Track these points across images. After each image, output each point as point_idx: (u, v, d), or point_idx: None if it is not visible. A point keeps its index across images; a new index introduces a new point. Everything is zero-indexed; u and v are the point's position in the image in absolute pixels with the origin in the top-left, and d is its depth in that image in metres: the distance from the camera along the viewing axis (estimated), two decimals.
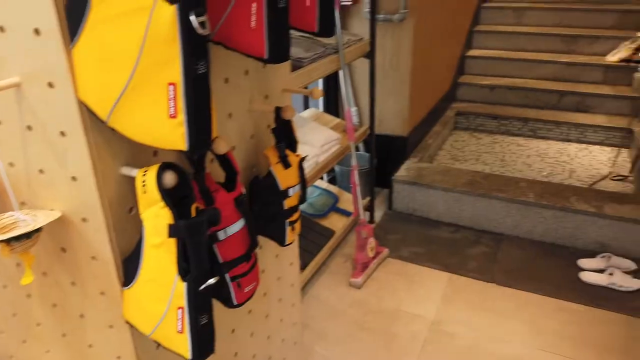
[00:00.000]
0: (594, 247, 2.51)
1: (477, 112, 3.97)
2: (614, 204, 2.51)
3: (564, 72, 3.90)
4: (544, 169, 3.33)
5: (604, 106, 3.68)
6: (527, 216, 2.62)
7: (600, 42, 3.88)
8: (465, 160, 3.55)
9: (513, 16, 4.32)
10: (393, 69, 2.88)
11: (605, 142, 3.56)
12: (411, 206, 2.94)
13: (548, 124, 3.73)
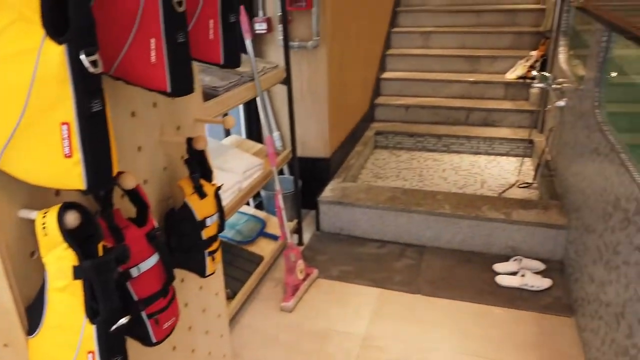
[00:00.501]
0: (506, 251, 2.69)
1: (395, 131, 4.15)
2: (521, 210, 2.71)
3: (470, 90, 4.19)
4: (458, 181, 3.53)
5: (507, 120, 4.00)
6: (445, 227, 2.76)
7: (499, 61, 4.23)
8: (386, 177, 3.69)
9: (421, 40, 4.60)
10: (311, 93, 2.96)
11: (511, 153, 3.85)
12: (338, 225, 3.00)
13: (460, 138, 3.98)
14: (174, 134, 1.21)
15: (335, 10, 2.92)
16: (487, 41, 4.42)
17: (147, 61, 0.81)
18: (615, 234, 1.74)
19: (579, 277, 2.21)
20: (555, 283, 2.42)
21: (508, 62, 4.18)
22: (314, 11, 2.71)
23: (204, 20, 1.00)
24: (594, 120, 2.17)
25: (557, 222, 2.57)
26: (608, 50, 2.15)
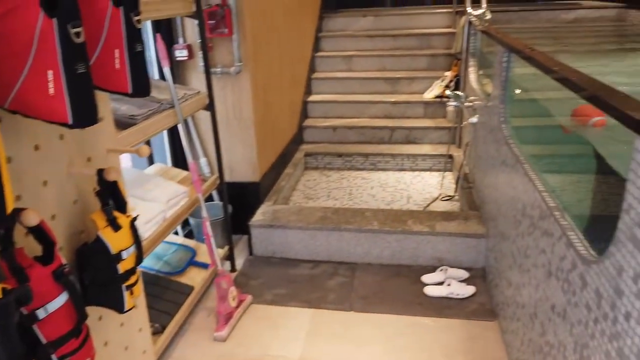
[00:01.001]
0: (433, 262, 2.80)
1: (324, 152, 4.23)
2: (444, 222, 2.84)
3: (392, 110, 4.38)
4: (386, 198, 3.65)
5: (428, 137, 4.20)
6: (374, 243, 2.83)
7: (417, 82, 4.45)
8: (317, 197, 3.74)
9: (343, 63, 4.76)
10: (237, 118, 2.96)
11: (433, 168, 4.04)
12: (270, 249, 2.99)
13: (385, 156, 4.12)
14: (84, 166, 1.18)
15: (256, 36, 2.97)
16: (405, 63, 4.64)
17: (45, 93, 0.79)
18: (524, 239, 1.87)
19: (498, 282, 2.34)
20: (478, 290, 2.55)
21: (425, 82, 4.41)
22: (234, 38, 2.73)
23: (109, 50, 0.98)
24: (501, 135, 2.34)
25: (477, 231, 2.72)
26: (509, 70, 2.34)
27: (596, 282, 1.18)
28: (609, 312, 1.10)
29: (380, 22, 5.05)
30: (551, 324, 1.51)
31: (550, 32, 4.53)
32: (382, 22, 5.06)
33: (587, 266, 1.24)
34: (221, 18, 2.67)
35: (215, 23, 2.71)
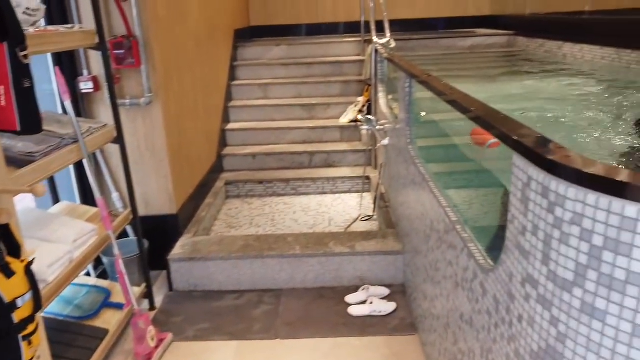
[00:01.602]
0: (355, 282, 2.86)
1: (245, 180, 4.21)
2: (363, 241, 2.92)
3: (310, 135, 4.47)
4: (308, 222, 3.69)
5: (346, 160, 4.32)
6: (298, 267, 2.84)
7: (332, 107, 4.59)
8: (240, 226, 3.70)
9: (260, 91, 4.81)
10: (150, 150, 2.88)
11: (353, 190, 4.16)
12: (192, 282, 2.90)
13: (306, 181, 4.18)
14: None
15: (167, 66, 2.93)
16: (320, 90, 4.78)
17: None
18: (434, 253, 1.97)
19: (416, 296, 2.44)
20: (399, 305, 2.63)
21: (340, 107, 4.56)
22: (143, 68, 2.68)
23: None
24: (409, 155, 2.47)
25: (394, 248, 2.82)
26: (411, 94, 2.49)
27: (494, 289, 1.27)
28: (505, 316, 1.19)
29: (294, 50, 5.19)
30: (461, 332, 1.59)
31: (450, 58, 4.89)
32: (296, 50, 5.19)
33: (486, 275, 1.33)
34: (128, 49, 2.62)
35: (123, 54, 2.65)
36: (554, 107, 2.58)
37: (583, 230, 0.87)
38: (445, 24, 5.85)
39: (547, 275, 0.97)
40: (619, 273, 0.83)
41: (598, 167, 0.85)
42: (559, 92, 2.98)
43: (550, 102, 2.72)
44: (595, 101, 2.68)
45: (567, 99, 2.74)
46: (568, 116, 2.39)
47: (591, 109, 2.51)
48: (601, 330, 0.88)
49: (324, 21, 6.04)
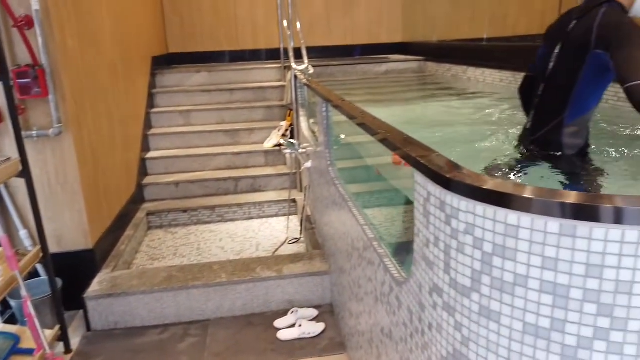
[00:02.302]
0: (284, 306, 2.85)
1: (168, 209, 4.09)
2: (290, 264, 2.94)
3: (235, 160, 4.45)
4: (235, 248, 3.64)
5: (271, 184, 4.34)
6: (225, 296, 2.79)
7: (256, 132, 4.61)
8: (163, 257, 3.58)
9: (181, 118, 4.74)
10: (60, 183, 2.73)
11: (279, 213, 4.17)
12: (112, 320, 2.75)
13: (232, 207, 4.14)
14: None
15: (78, 95, 2.82)
16: (243, 115, 4.80)
17: None
18: (356, 270, 2.03)
19: (343, 315, 2.48)
20: (328, 325, 2.65)
21: (264, 132, 4.60)
22: (51, 98, 2.56)
23: None
24: (330, 177, 2.54)
25: (321, 269, 2.86)
26: (329, 118, 2.58)
27: (407, 301, 1.33)
28: (418, 325, 1.25)
29: (216, 77, 5.18)
30: (383, 345, 1.64)
31: (367, 82, 5.11)
32: (218, 77, 5.19)
33: (400, 287, 1.39)
34: (34, 78, 2.49)
35: (28, 83, 2.52)
36: (454, 127, 2.78)
37: (475, 239, 0.95)
38: (362, 50, 6.12)
39: (450, 283, 1.04)
40: (508, 276, 0.91)
41: (483, 181, 0.93)
42: (456, 113, 3.21)
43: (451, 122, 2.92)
44: (493, 120, 2.92)
45: (460, 122, 2.96)
46: (463, 134, 2.59)
47: (486, 125, 2.73)
48: (497, 331, 0.95)
49: (245, 48, 6.10)
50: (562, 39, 1.78)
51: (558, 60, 1.79)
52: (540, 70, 1.88)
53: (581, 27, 1.69)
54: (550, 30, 1.92)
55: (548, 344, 0.88)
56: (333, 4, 6.05)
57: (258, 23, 6.00)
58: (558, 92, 1.78)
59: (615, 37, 1.56)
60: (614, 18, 1.61)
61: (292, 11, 4.30)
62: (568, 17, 1.81)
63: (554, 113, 1.79)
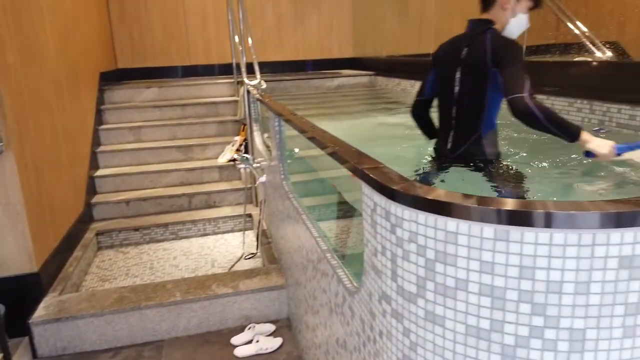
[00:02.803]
0: (241, 322, 2.82)
1: (119, 228, 3.97)
2: (246, 280, 2.91)
3: (188, 176, 4.39)
4: (190, 266, 3.58)
5: (226, 199, 4.30)
6: (179, 315, 2.73)
7: (210, 148, 4.57)
8: (114, 278, 3.46)
9: (132, 135, 4.63)
10: (2, 204, 2.61)
11: (235, 229, 4.13)
12: (60, 346, 2.64)
13: (186, 224, 4.07)
14: None
15: (19, 113, 2.71)
16: (196, 131, 4.75)
17: None
18: (312, 282, 2.05)
19: (300, 328, 2.48)
20: (285, 339, 2.65)
21: (218, 147, 4.56)
22: None
23: None
24: (284, 190, 2.55)
25: (277, 283, 2.86)
26: (281, 132, 2.60)
27: (359, 310, 1.36)
28: (370, 334, 1.28)
29: (167, 92, 5.11)
30: (338, 356, 1.66)
31: (319, 97, 5.18)
32: (169, 92, 5.12)
33: (352, 297, 1.42)
34: None
35: None
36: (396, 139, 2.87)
37: (419, 246, 0.99)
38: (314, 65, 6.21)
39: (397, 290, 1.08)
40: (450, 281, 0.95)
41: (425, 191, 0.98)
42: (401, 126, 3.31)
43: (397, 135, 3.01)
44: None
45: (400, 136, 3.05)
46: (403, 147, 2.68)
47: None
48: (442, 334, 0.99)
49: (197, 63, 6.05)
50: (459, 65, 1.99)
51: (462, 83, 1.98)
52: (446, 94, 2.06)
53: (475, 52, 1.92)
54: (439, 58, 2.10)
55: (489, 345, 0.93)
56: (284, 19, 6.12)
57: (209, 38, 5.98)
58: (471, 111, 1.97)
59: (504, 56, 1.82)
60: (502, 40, 1.89)
61: (243, 26, 4.33)
62: (455, 45, 2.02)
63: (471, 129, 1.99)
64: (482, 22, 1.97)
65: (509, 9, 1.93)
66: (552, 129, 1.74)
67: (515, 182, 1.90)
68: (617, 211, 0.82)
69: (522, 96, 1.73)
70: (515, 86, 1.75)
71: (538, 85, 2.96)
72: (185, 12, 5.89)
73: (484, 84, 1.90)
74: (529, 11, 1.98)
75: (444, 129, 2.12)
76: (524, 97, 1.73)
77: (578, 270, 0.84)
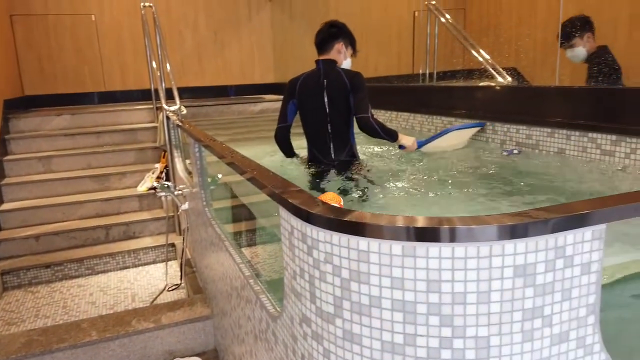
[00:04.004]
0: (165, 357, 2.69)
1: (27, 266, 3.68)
2: (169, 312, 2.79)
3: (105, 207, 4.17)
4: (108, 302, 3.38)
5: (147, 229, 4.13)
6: (96, 355, 2.56)
7: (128, 176, 4.39)
8: (22, 321, 3.19)
9: (41, 165, 4.35)
10: None
11: (157, 260, 3.97)
12: None
13: (103, 257, 3.85)
14: None
15: None
16: (113, 159, 4.55)
17: None
18: (236, 310, 2.00)
19: (227, 358, 2.41)
20: None
21: (137, 176, 4.40)
22: None
23: None
24: (206, 217, 2.50)
25: (203, 314, 2.76)
26: (202, 158, 2.56)
27: (282, 335, 1.35)
28: (293, 358, 1.27)
29: (80, 119, 4.87)
30: None
31: (242, 122, 5.17)
32: (83, 119, 4.88)
33: (275, 322, 1.41)
34: None
35: None
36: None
37: (334, 266, 1.01)
38: (236, 90, 6.21)
39: (316, 312, 1.09)
40: (364, 299, 0.98)
41: (337, 212, 1.00)
42: None
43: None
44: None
45: None
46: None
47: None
48: (360, 352, 1.01)
49: (114, 89, 5.83)
50: (324, 93, 2.55)
51: (331, 107, 2.54)
52: (318, 117, 2.58)
53: (335, 82, 2.52)
54: (301, 90, 2.62)
55: (403, 359, 0.96)
56: (204, 45, 6.08)
57: (126, 63, 5.79)
58: (342, 128, 2.58)
59: (355, 84, 2.49)
60: (351, 72, 2.54)
61: (161, 52, 4.25)
62: (315, 79, 2.58)
63: (345, 141, 2.62)
64: (329, 61, 2.58)
65: (342, 52, 2.60)
66: (385, 137, 2.51)
67: (368, 171, 2.59)
68: (512, 223, 0.89)
69: (367, 116, 2.44)
70: (363, 108, 2.46)
71: (449, 108, 3.17)
72: (100, 37, 5.68)
73: (348, 106, 2.52)
74: (352, 56, 2.69)
75: (322, 142, 2.61)
76: (369, 117, 2.44)
77: (479, 280, 0.90)
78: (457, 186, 2.30)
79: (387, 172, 2.62)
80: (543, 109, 2.57)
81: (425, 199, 2.16)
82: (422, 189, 2.31)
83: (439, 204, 2.12)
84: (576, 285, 0.95)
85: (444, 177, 2.48)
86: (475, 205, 2.06)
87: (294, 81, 2.67)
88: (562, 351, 0.97)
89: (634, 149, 2.21)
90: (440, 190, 2.28)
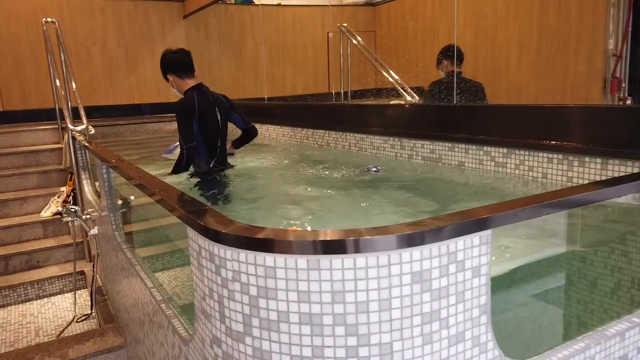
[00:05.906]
0: None
1: None
2: (77, 345, 2.61)
3: (3, 236, 3.84)
4: (7, 339, 3.09)
5: (53, 257, 3.85)
6: None
7: (30, 201, 4.08)
8: None
9: None
10: None
11: (65, 290, 3.71)
12: None
13: (2, 290, 3.53)
14: None
15: None
16: (12, 184, 4.21)
17: None
18: (149, 337, 1.92)
19: None
20: None
21: (40, 200, 4.10)
22: None
23: None
24: (116, 242, 2.38)
25: (115, 343, 2.62)
26: (110, 179, 2.45)
27: (194, 359, 1.32)
28: None
29: None
30: None
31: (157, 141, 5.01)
32: None
33: (187, 346, 1.38)
34: None
35: None
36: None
37: (242, 284, 1.01)
38: (151, 109, 6.00)
39: (226, 332, 1.08)
40: (273, 315, 0.99)
41: (244, 229, 1.01)
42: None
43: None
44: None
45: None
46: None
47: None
48: None
49: (14, 108, 5.40)
50: (217, 110, 2.93)
51: (222, 122, 2.95)
52: (215, 131, 2.92)
53: (219, 101, 2.96)
54: (201, 109, 2.83)
55: None
56: (115, 63, 5.83)
57: (28, 81, 5.40)
58: (225, 138, 3.04)
59: (232, 102, 3.08)
60: (226, 97, 3.09)
61: (66, 70, 4.03)
62: (206, 99, 2.89)
63: (226, 150, 3.06)
64: (204, 84, 2.96)
65: (197, 77, 2.98)
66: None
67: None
68: (409, 232, 0.95)
69: (253, 124, 3.23)
70: (246, 118, 3.18)
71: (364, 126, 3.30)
72: None
73: (226, 121, 3.01)
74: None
75: (214, 152, 2.94)
76: (253, 125, 3.23)
77: (380, 289, 0.94)
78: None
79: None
80: (445, 125, 2.76)
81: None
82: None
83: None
84: (468, 287, 1.02)
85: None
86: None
87: (191, 102, 2.87)
88: (459, 351, 1.04)
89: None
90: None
